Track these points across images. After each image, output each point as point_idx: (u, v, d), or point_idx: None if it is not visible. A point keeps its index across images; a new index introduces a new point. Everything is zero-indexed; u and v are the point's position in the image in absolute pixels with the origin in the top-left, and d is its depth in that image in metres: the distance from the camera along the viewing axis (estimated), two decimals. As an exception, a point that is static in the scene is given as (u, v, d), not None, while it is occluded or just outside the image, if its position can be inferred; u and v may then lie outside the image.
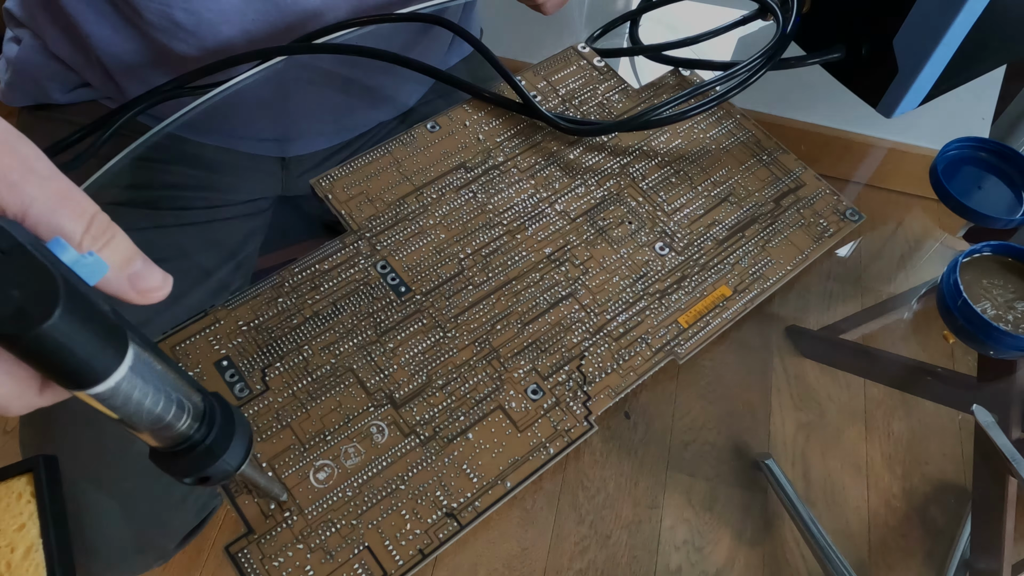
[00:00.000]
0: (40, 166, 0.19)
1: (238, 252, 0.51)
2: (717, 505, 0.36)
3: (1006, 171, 0.45)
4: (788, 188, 0.42)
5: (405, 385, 0.34)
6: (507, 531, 0.34)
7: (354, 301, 0.36)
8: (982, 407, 0.37)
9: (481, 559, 0.34)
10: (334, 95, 0.51)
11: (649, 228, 0.40)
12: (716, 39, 0.47)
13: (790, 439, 0.38)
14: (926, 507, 0.37)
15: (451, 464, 0.32)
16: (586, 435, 0.34)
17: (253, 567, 0.30)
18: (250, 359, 0.34)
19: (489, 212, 0.40)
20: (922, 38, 0.40)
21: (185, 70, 0.42)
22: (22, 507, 0.32)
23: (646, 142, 0.43)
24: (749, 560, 0.35)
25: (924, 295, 0.44)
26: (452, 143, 0.42)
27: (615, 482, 0.36)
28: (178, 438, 0.22)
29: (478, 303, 0.37)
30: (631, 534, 0.35)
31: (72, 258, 0.18)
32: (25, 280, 0.16)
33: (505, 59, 0.43)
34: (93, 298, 0.18)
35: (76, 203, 0.19)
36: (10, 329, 0.16)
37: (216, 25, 0.42)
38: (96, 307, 0.18)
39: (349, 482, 0.31)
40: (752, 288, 0.38)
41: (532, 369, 0.35)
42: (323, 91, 0.50)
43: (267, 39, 0.44)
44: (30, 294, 0.16)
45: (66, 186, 0.19)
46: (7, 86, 0.51)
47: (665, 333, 0.37)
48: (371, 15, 0.45)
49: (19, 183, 0.18)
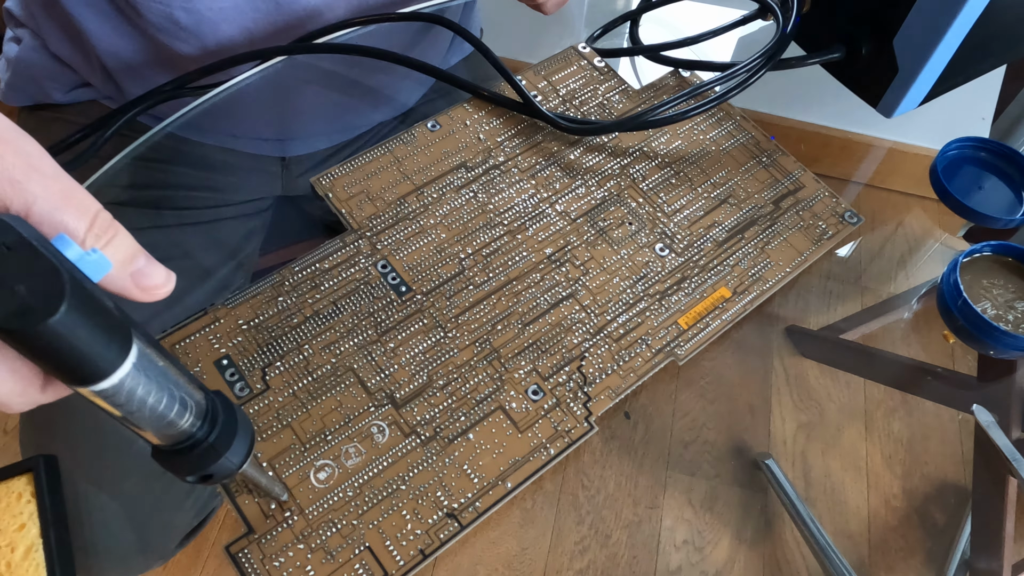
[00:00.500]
0: (43, 164, 0.19)
1: (238, 252, 0.51)
2: (717, 505, 0.36)
3: (1006, 171, 0.45)
4: (787, 190, 0.42)
5: (406, 385, 0.34)
6: (507, 531, 0.34)
7: (355, 300, 0.36)
8: (982, 407, 0.37)
9: (481, 559, 0.34)
10: (334, 95, 0.51)
11: (649, 229, 0.40)
12: (716, 39, 0.47)
13: (790, 439, 0.38)
14: (926, 507, 0.37)
15: (452, 464, 0.32)
16: (586, 436, 0.34)
17: (254, 567, 0.30)
18: (250, 358, 0.34)
19: (490, 212, 0.40)
20: (922, 38, 0.40)
21: (185, 70, 0.42)
22: (22, 507, 0.32)
23: (646, 143, 0.43)
24: (749, 560, 0.35)
25: (924, 295, 0.44)
26: (453, 142, 0.42)
27: (615, 482, 0.36)
28: (180, 436, 0.22)
29: (479, 303, 0.37)
30: (631, 534, 0.35)
31: (76, 255, 0.18)
32: (30, 275, 0.16)
33: (505, 59, 0.43)
34: (98, 294, 0.18)
35: (79, 201, 0.19)
36: (15, 324, 0.16)
37: (216, 24, 0.42)
38: (101, 303, 0.18)
39: (350, 482, 0.31)
40: (751, 290, 0.38)
41: (533, 370, 0.35)
42: (323, 91, 0.50)
43: (267, 38, 0.44)
44: (35, 289, 0.16)
45: (69, 184, 0.19)
46: (7, 86, 0.51)
47: (665, 334, 0.37)
48: (371, 15, 0.45)
49: (23, 181, 0.18)
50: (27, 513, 0.32)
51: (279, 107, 0.49)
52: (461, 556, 0.33)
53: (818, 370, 0.41)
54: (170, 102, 0.43)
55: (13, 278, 0.16)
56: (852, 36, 0.43)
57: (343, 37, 0.44)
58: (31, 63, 0.49)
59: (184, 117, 0.44)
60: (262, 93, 0.46)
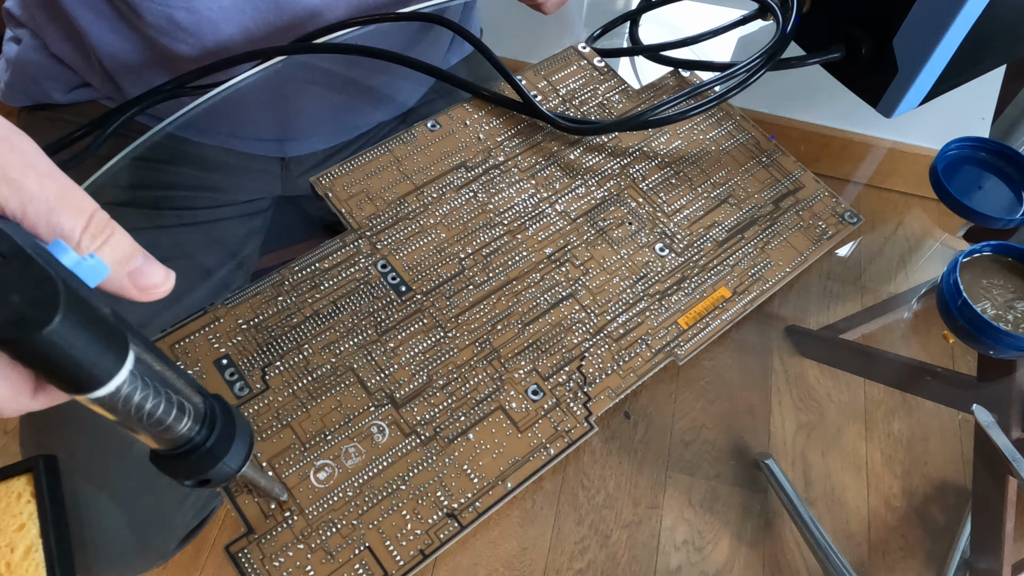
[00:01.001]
0: (39, 163, 0.19)
1: (238, 252, 0.51)
2: (717, 505, 0.36)
3: (1006, 171, 0.45)
4: (787, 190, 0.42)
5: (406, 385, 0.34)
6: (507, 531, 0.34)
7: (354, 300, 0.36)
8: (982, 407, 0.37)
9: (481, 559, 0.34)
10: (334, 95, 0.51)
11: (649, 229, 0.40)
12: (716, 39, 0.47)
13: (790, 439, 0.38)
14: (926, 507, 0.37)
15: (452, 464, 0.32)
16: (586, 436, 0.34)
17: (253, 567, 0.30)
18: (250, 358, 0.34)
19: (490, 212, 0.40)
20: (922, 38, 0.40)
21: (184, 70, 0.42)
22: (22, 507, 0.32)
23: (646, 143, 0.43)
24: (749, 560, 0.35)
25: (924, 295, 0.44)
26: (453, 142, 0.42)
27: (615, 482, 0.36)
28: (179, 440, 0.22)
29: (479, 303, 0.37)
30: (631, 534, 0.35)
31: (73, 260, 0.18)
32: (25, 285, 0.16)
33: (505, 59, 0.43)
34: (94, 302, 0.18)
35: (76, 201, 0.19)
36: (10, 334, 0.16)
37: (216, 24, 0.42)
38: (97, 311, 0.18)
39: (350, 482, 0.31)
40: (751, 290, 0.38)
41: (533, 370, 0.35)
42: (323, 91, 0.50)
43: (267, 38, 0.44)
44: (30, 299, 0.16)
45: (66, 183, 0.19)
46: (7, 86, 0.51)
47: (665, 334, 0.37)
48: (371, 15, 0.45)
49: (18, 180, 0.18)
50: (27, 513, 0.32)
51: (279, 107, 0.49)
52: (461, 556, 0.33)
53: (818, 370, 0.41)
54: (169, 102, 0.43)
55: (8, 288, 0.16)
56: (852, 36, 0.43)
57: (343, 37, 0.44)
58: (31, 63, 0.49)
59: (184, 117, 0.44)
60: (262, 93, 0.46)
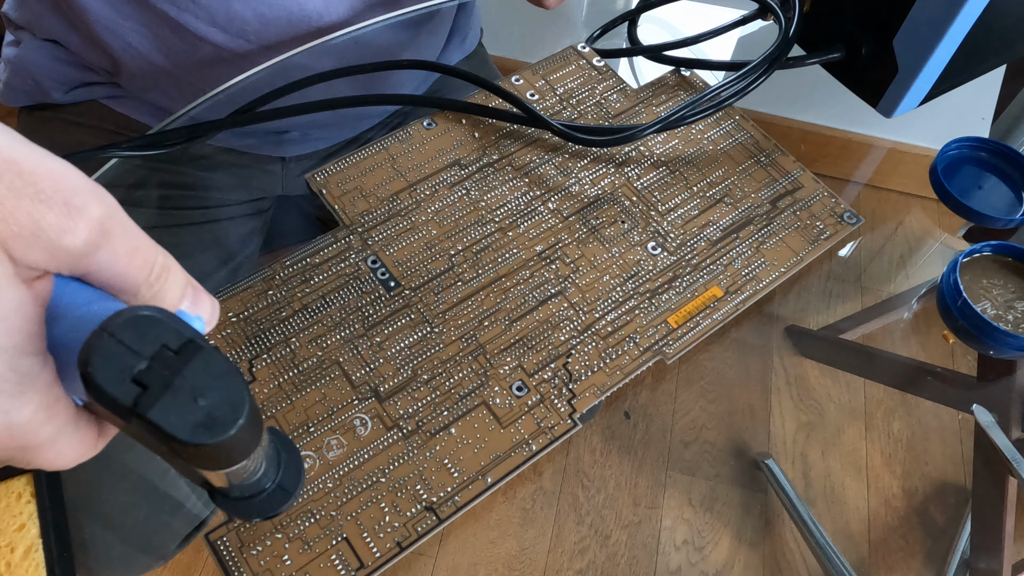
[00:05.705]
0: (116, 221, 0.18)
1: (238, 252, 0.51)
2: (717, 505, 0.36)
3: (1006, 171, 0.45)
4: (785, 190, 0.42)
5: (390, 379, 0.34)
6: (507, 531, 0.34)
7: (343, 295, 0.36)
8: (982, 407, 0.37)
9: (481, 559, 0.34)
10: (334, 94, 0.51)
11: (642, 228, 0.40)
12: (716, 39, 0.47)
13: (790, 439, 0.38)
14: (926, 507, 0.37)
15: (432, 458, 0.32)
16: (569, 432, 0.33)
17: (231, 554, 0.30)
18: (238, 350, 0.34)
19: (481, 209, 0.40)
20: (922, 38, 0.40)
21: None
22: (22, 507, 0.32)
23: (643, 142, 0.43)
24: (749, 560, 0.35)
25: (924, 295, 0.44)
26: (448, 140, 0.42)
27: (615, 482, 0.36)
28: (254, 488, 0.22)
29: (466, 299, 0.37)
30: (631, 534, 0.35)
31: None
32: (210, 381, 0.15)
33: (504, 59, 0.43)
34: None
35: (141, 251, 0.18)
36: (203, 438, 0.15)
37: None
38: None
39: (330, 474, 0.32)
40: (744, 289, 0.38)
41: (518, 366, 0.35)
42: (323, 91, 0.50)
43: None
44: (218, 398, 0.15)
45: (135, 234, 0.18)
46: (6, 86, 0.51)
47: (654, 333, 0.36)
48: (354, 66, 0.44)
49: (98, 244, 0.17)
50: (27, 513, 0.32)
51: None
52: (461, 556, 0.33)
53: (818, 370, 0.41)
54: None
55: (194, 388, 0.15)
56: (852, 36, 0.43)
57: (343, 37, 0.44)
58: (30, 63, 0.49)
59: (184, 117, 0.44)
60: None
